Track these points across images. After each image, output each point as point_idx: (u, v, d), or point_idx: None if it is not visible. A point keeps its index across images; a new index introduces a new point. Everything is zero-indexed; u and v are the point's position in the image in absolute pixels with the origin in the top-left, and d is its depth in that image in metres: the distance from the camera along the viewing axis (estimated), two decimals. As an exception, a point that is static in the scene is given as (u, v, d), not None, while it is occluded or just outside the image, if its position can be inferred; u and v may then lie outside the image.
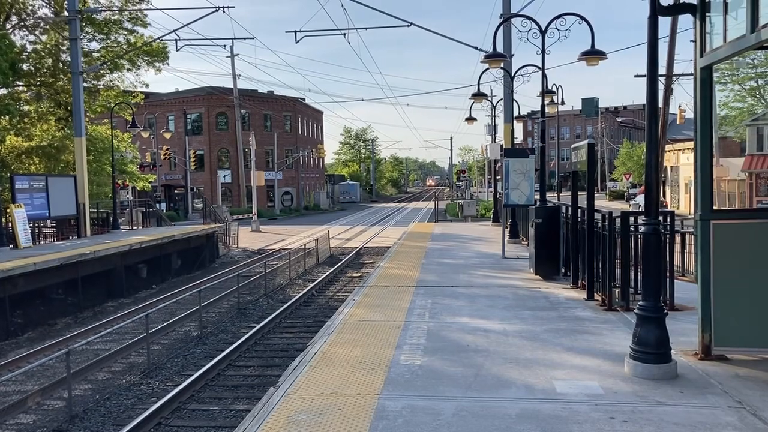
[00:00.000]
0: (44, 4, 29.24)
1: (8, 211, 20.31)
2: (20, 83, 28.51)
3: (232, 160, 65.34)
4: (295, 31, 25.15)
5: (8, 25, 27.52)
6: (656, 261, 6.39)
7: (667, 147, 42.07)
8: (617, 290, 9.17)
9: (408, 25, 24.59)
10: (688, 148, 44.88)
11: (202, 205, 47.84)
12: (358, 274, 22.78)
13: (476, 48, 25.30)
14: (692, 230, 9.02)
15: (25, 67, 28.16)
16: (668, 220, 9.32)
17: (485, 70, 21.05)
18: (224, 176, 62.54)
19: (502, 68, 18.87)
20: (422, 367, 6.60)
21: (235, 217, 42.78)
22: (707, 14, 6.45)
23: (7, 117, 26.71)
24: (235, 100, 59.53)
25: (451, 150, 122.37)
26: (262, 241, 36.06)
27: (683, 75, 32.31)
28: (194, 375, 10.90)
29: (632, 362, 6.17)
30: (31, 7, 29.00)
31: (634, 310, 6.35)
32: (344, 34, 26.53)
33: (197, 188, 61.16)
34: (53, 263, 16.93)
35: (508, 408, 5.42)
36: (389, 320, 8.85)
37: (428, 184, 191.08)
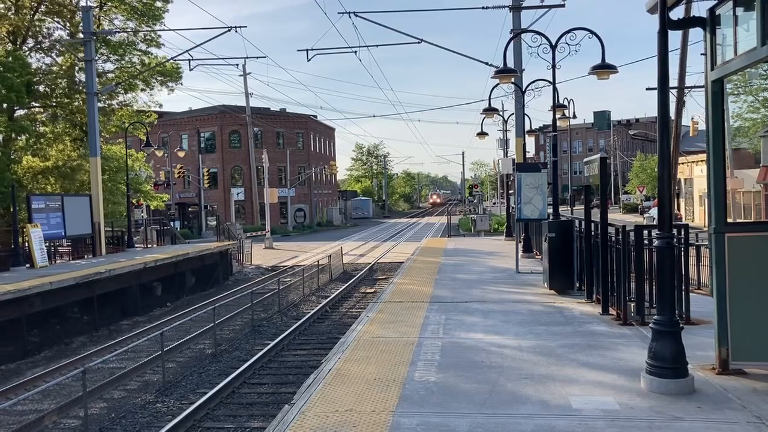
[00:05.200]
0: (60, 26, 29.69)
1: (25, 230, 20.52)
2: (36, 104, 28.89)
3: (245, 178, 65.72)
4: (307, 50, 25.36)
5: (25, 48, 27.95)
6: (671, 275, 6.35)
7: (681, 159, 41.85)
8: (632, 304, 9.13)
9: (418, 42, 24.74)
10: (701, 160, 44.61)
11: (215, 222, 48.13)
12: (372, 290, 22.76)
13: (487, 63, 25.38)
14: (707, 243, 8.96)
15: (41, 88, 28.56)
16: (682, 233, 9.27)
17: (496, 86, 21.16)
18: (237, 194, 62.88)
19: (513, 83, 18.93)
20: (437, 384, 6.59)
21: (248, 234, 42.96)
22: (717, 27, 6.45)
23: (23, 137, 27.07)
24: (247, 118, 59.99)
25: (463, 165, 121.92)
26: (276, 258, 36.15)
27: (695, 87, 32.24)
28: (209, 393, 10.91)
29: (648, 377, 6.12)
30: (47, 30, 29.48)
31: (650, 325, 6.31)
32: (355, 51, 26.74)
33: (211, 206, 61.56)
34: (69, 282, 17.05)
35: (523, 424, 5.39)
36: (403, 337, 8.84)
37: (432, 201, 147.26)
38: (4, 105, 25.92)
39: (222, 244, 30.02)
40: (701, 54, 24.30)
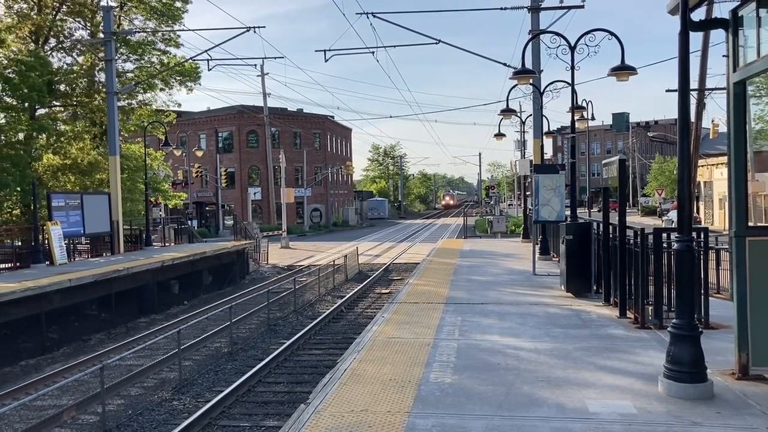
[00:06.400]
0: (81, 26, 30.03)
1: (45, 228, 20.75)
2: (57, 103, 29.23)
3: (262, 178, 65.98)
4: (325, 50, 25.37)
5: (47, 47, 28.29)
6: (690, 278, 6.29)
7: (700, 162, 41.42)
8: (650, 308, 9.05)
9: (436, 43, 24.68)
10: (721, 163, 44.13)
11: (232, 221, 48.34)
12: (387, 291, 22.75)
13: (505, 64, 25.29)
14: (727, 247, 8.87)
15: (61, 87, 28.89)
16: (702, 236, 9.18)
17: (514, 86, 21.03)
18: (254, 193, 63.14)
19: (531, 84, 18.84)
20: (452, 385, 6.57)
21: (265, 233, 43.10)
22: (740, 29, 6.38)
23: (44, 136, 27.39)
24: (265, 119, 60.23)
25: (480, 166, 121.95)
26: (292, 257, 36.26)
27: (716, 89, 31.89)
28: (225, 391, 10.97)
29: (666, 381, 6.07)
30: (68, 30, 29.81)
31: (668, 328, 6.25)
32: (373, 52, 26.72)
33: (228, 205, 61.88)
34: (88, 280, 17.22)
35: (539, 427, 5.37)
36: (419, 338, 8.83)
37: (444, 202, 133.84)
38: (26, 104, 26.25)
39: (239, 244, 30.17)
40: (723, 56, 24.05)
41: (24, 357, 14.95)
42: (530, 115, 28.08)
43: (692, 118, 24.10)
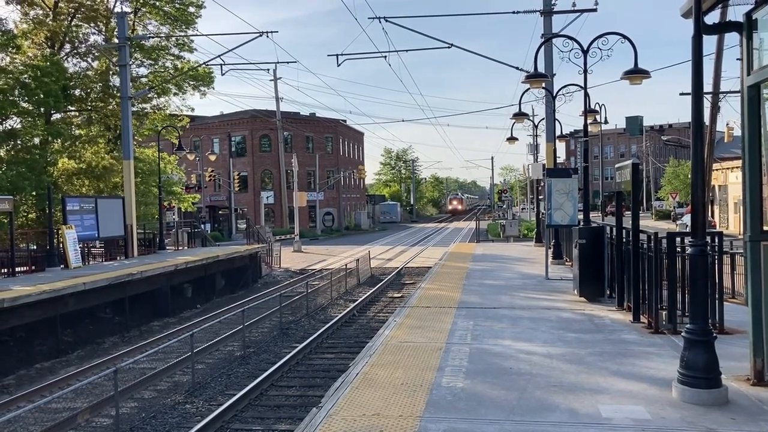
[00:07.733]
0: (95, 32, 30.30)
1: (60, 232, 20.92)
2: (72, 108, 29.50)
3: (274, 182, 66.24)
4: (337, 55, 25.50)
5: (62, 53, 28.58)
6: (704, 283, 6.25)
7: (715, 165, 41.08)
8: (664, 312, 9.00)
9: (448, 47, 24.70)
10: (736, 167, 43.77)
11: (245, 225, 48.54)
12: (399, 295, 22.74)
13: (517, 68, 25.30)
14: (742, 251, 8.79)
15: (76, 92, 29.15)
16: (716, 240, 9.12)
17: (527, 90, 20.97)
18: (267, 197, 63.34)
19: (543, 88, 18.80)
20: (464, 390, 6.56)
21: (277, 237, 43.25)
22: (754, 32, 6.35)
23: (59, 140, 27.65)
24: (278, 123, 60.46)
25: (493, 170, 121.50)
26: (304, 261, 36.33)
27: (730, 92, 31.64)
28: (237, 395, 11.00)
29: (680, 387, 6.02)
30: (83, 35, 30.09)
31: (682, 333, 6.21)
32: (385, 56, 26.82)
33: (241, 209, 62.12)
34: (102, 283, 17.35)
35: (552, 432, 5.35)
36: (431, 342, 8.82)
37: (452, 207, 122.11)
38: (42, 109, 26.51)
39: (251, 247, 30.26)
40: (737, 59, 23.86)
41: (39, 359, 15.07)
42: (543, 118, 28.03)
43: (706, 122, 23.95)
